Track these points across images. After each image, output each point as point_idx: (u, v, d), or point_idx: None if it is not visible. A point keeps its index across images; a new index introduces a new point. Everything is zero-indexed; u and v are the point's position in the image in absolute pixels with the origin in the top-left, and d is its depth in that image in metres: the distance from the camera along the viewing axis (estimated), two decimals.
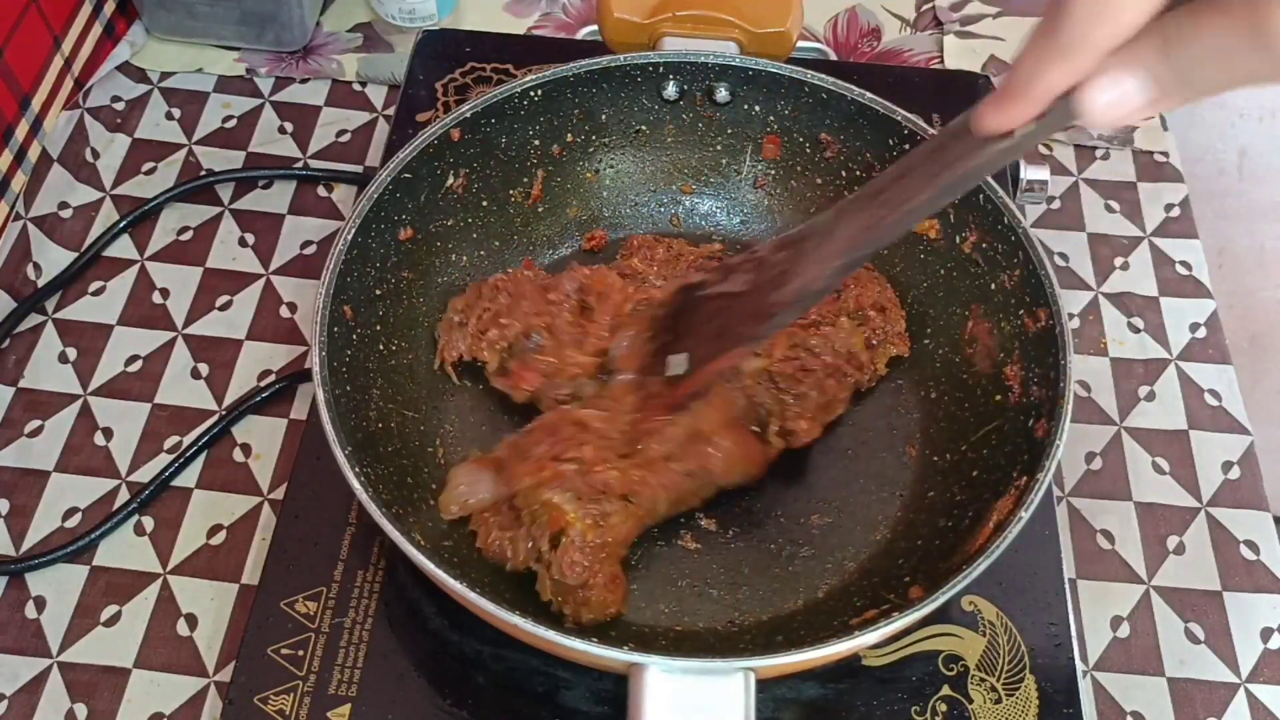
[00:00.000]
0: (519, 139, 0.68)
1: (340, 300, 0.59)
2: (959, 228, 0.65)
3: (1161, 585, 0.65)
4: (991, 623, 0.59)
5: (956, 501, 0.60)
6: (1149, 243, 0.79)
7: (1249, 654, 0.63)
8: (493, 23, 0.89)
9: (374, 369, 0.61)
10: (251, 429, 0.69)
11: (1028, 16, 0.91)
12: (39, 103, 0.80)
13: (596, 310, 0.64)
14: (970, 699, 0.57)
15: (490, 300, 0.65)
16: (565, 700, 0.56)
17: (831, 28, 0.91)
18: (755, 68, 0.68)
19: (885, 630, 0.49)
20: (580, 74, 0.68)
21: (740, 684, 0.47)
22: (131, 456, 0.68)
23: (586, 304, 0.65)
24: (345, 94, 0.85)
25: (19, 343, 0.72)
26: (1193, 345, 0.74)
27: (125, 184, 0.80)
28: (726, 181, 0.73)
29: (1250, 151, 1.09)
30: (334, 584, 0.59)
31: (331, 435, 0.53)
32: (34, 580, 0.63)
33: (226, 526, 0.65)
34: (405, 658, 0.57)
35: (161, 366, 0.71)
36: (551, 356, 0.63)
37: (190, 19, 0.84)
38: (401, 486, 0.59)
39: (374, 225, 0.62)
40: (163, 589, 0.63)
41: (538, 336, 0.64)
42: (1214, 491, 0.69)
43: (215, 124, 0.83)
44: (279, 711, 0.55)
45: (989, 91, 0.80)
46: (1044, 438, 0.55)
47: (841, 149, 0.69)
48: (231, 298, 0.74)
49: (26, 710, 0.59)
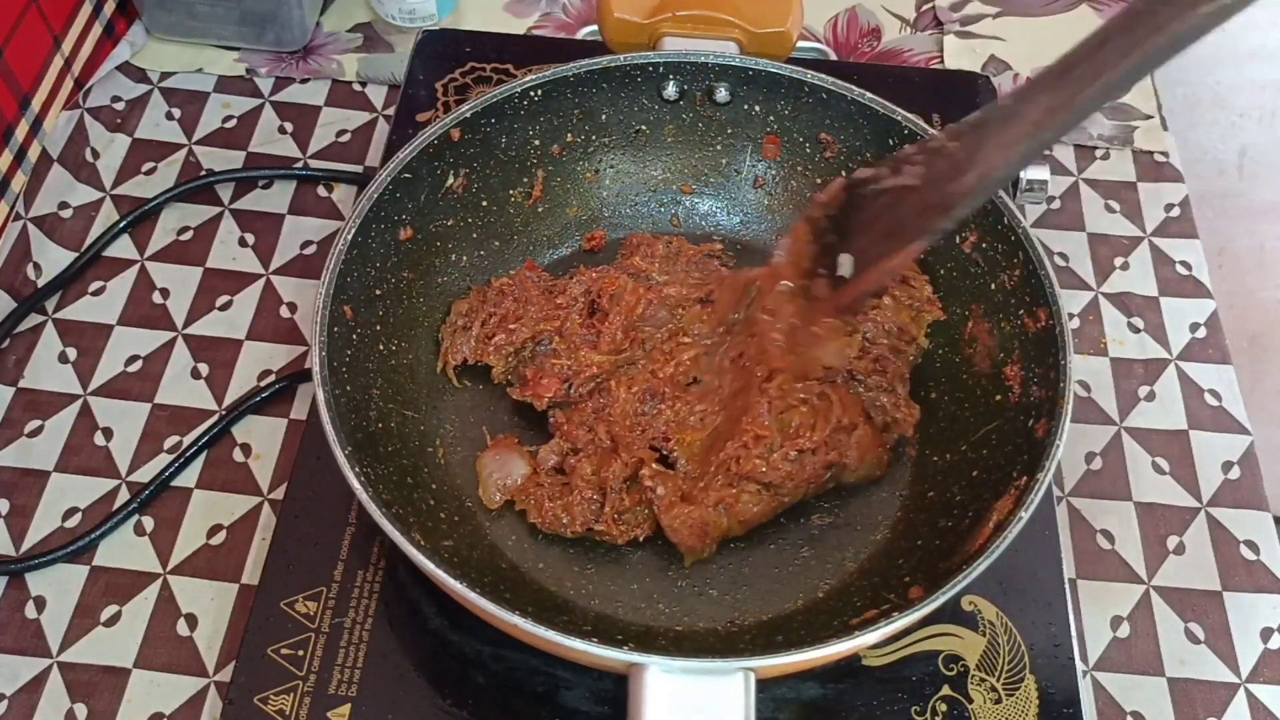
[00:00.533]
0: (519, 139, 0.68)
1: (340, 300, 0.59)
2: (959, 228, 0.65)
3: (1161, 585, 0.65)
4: (991, 623, 0.59)
5: (956, 501, 0.60)
6: (1149, 243, 0.79)
7: (1249, 654, 0.63)
8: (493, 23, 0.89)
9: (374, 369, 0.61)
10: (251, 429, 0.69)
11: (1028, 16, 0.91)
12: (39, 103, 0.80)
13: (610, 312, 0.64)
14: (970, 699, 0.57)
15: (495, 304, 0.65)
16: (565, 700, 0.56)
17: (831, 28, 0.91)
18: (755, 68, 0.68)
19: (885, 630, 0.49)
20: (580, 74, 0.68)
21: (740, 684, 0.47)
22: (131, 456, 0.67)
23: (597, 305, 0.65)
24: (345, 94, 0.85)
25: (19, 343, 0.72)
26: (1193, 345, 0.74)
27: (125, 184, 0.80)
28: (726, 181, 0.73)
29: (1250, 151, 1.08)
30: (334, 584, 0.59)
31: (331, 435, 0.53)
32: (34, 580, 0.63)
33: (226, 526, 0.65)
34: (405, 658, 0.57)
35: (161, 366, 0.71)
36: (566, 359, 0.63)
37: (190, 19, 0.84)
38: (401, 486, 0.59)
39: (374, 225, 0.62)
40: (163, 589, 0.63)
41: (547, 342, 0.64)
42: (1214, 491, 0.69)
43: (215, 124, 0.83)
44: (279, 711, 0.55)
45: (989, 91, 0.80)
46: (1044, 438, 0.55)
47: (841, 149, 0.69)
48: (231, 298, 0.74)
49: (26, 710, 0.59)
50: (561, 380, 0.63)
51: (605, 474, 0.60)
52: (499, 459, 0.62)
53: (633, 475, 0.60)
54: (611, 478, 0.59)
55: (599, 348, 0.63)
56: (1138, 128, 0.84)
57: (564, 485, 0.60)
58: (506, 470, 0.61)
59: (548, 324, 0.64)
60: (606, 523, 0.59)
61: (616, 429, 0.61)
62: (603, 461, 0.60)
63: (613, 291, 0.65)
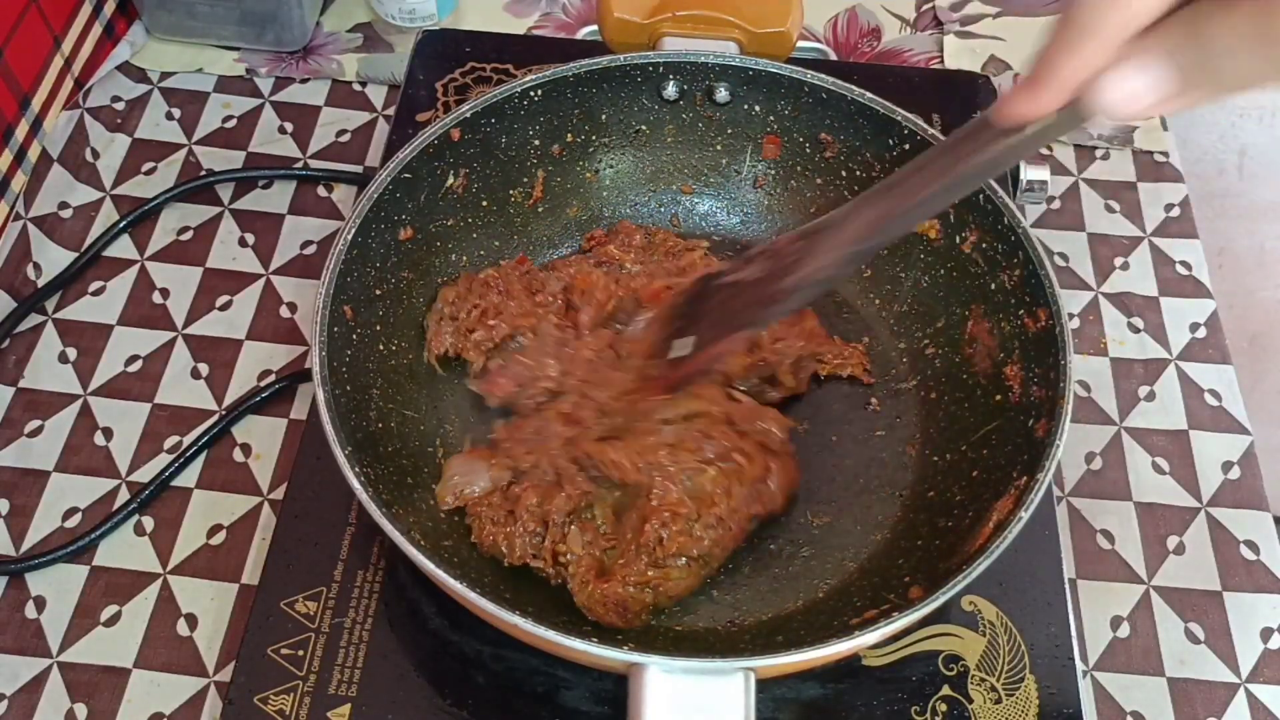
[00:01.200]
0: (519, 139, 0.68)
1: (340, 300, 0.59)
2: (959, 228, 0.65)
3: (1161, 585, 0.65)
4: (991, 623, 0.59)
5: (956, 501, 0.60)
6: (1149, 243, 0.79)
7: (1249, 654, 0.63)
8: (493, 23, 0.89)
9: (374, 369, 0.61)
10: (251, 429, 0.69)
11: (1028, 16, 0.91)
12: (39, 103, 0.80)
13: (581, 309, 0.65)
14: (970, 699, 0.57)
15: (480, 296, 0.65)
16: (565, 700, 0.56)
17: (831, 28, 0.91)
18: (755, 68, 0.68)
19: (885, 630, 0.49)
20: (580, 74, 0.68)
21: (740, 684, 0.47)
22: (131, 456, 0.68)
23: (571, 303, 0.65)
24: (345, 94, 0.85)
25: (19, 343, 0.72)
26: (1193, 345, 0.74)
27: (125, 184, 0.80)
28: (726, 181, 0.73)
29: (1250, 151, 1.09)
30: (334, 584, 0.59)
31: (331, 435, 0.53)
32: (34, 580, 0.63)
33: (226, 526, 0.65)
34: (405, 658, 0.57)
35: (161, 366, 0.71)
36: (531, 360, 0.63)
37: (190, 19, 0.84)
38: (401, 486, 0.59)
39: (374, 225, 0.62)
40: (163, 589, 0.63)
41: (521, 339, 0.64)
42: (1214, 491, 0.69)
43: (215, 124, 0.83)
44: (279, 711, 0.55)
45: (989, 91, 0.80)
46: (1044, 438, 0.55)
47: (841, 149, 0.69)
48: (231, 298, 0.74)
49: (26, 710, 0.59)
50: (516, 383, 0.63)
51: (549, 506, 0.58)
52: (467, 465, 0.61)
53: (575, 510, 0.58)
54: (555, 510, 0.58)
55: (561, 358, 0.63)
56: (1138, 128, 0.84)
57: (509, 513, 0.59)
58: (469, 479, 0.60)
59: (525, 320, 0.64)
60: (545, 558, 0.58)
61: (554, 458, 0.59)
62: (547, 494, 0.59)
63: (583, 289, 0.65)
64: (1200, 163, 1.09)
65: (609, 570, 0.57)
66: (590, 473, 0.59)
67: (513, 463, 0.60)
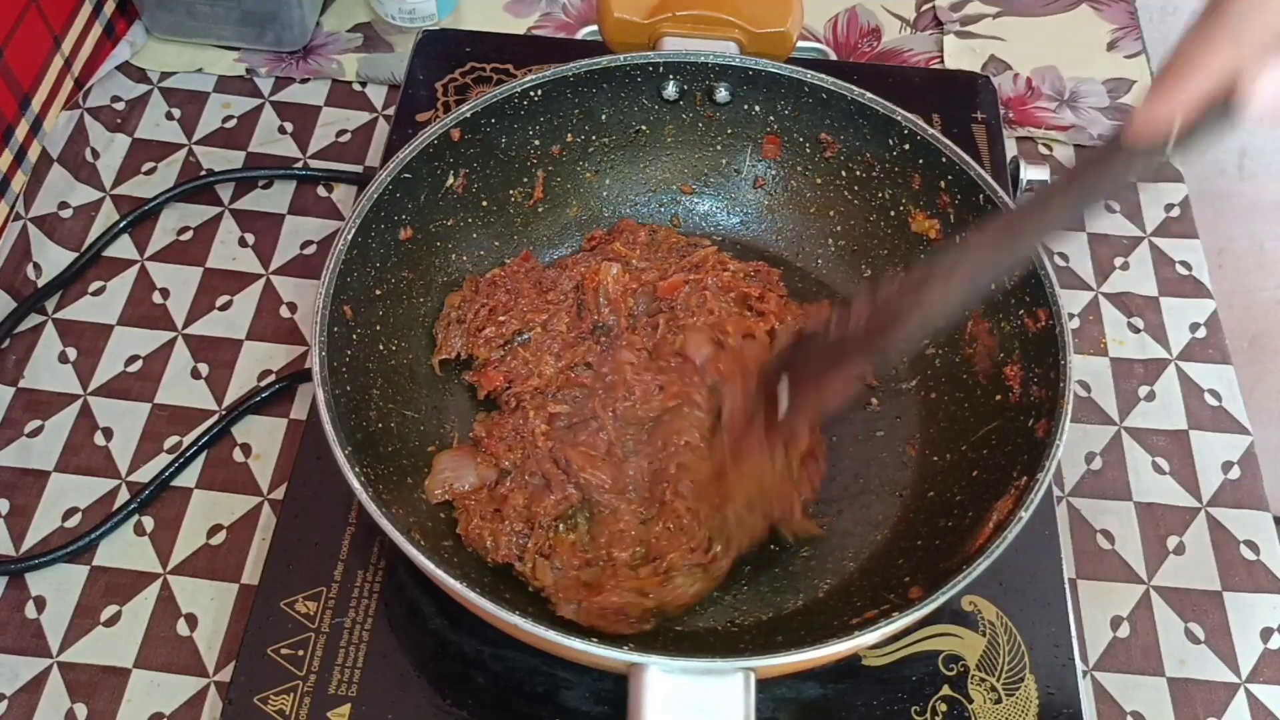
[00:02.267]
0: (519, 139, 0.68)
1: (340, 300, 0.59)
2: (959, 227, 0.65)
3: (1161, 585, 0.65)
4: (991, 623, 0.59)
5: (956, 501, 0.60)
6: (1149, 243, 0.79)
7: (1249, 654, 0.63)
8: (493, 23, 0.89)
9: (374, 369, 0.61)
10: (251, 429, 0.69)
11: (1028, 16, 0.91)
12: (39, 103, 0.80)
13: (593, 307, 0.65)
14: (970, 699, 0.57)
15: (488, 296, 0.65)
16: (565, 700, 0.56)
17: (831, 28, 0.91)
18: (755, 68, 0.68)
19: (885, 630, 0.49)
20: (580, 74, 0.68)
21: (740, 684, 0.47)
22: (131, 456, 0.68)
23: (584, 302, 0.65)
24: (345, 94, 0.85)
25: (19, 343, 0.72)
26: (1193, 345, 0.74)
27: (125, 184, 0.80)
28: (726, 181, 0.73)
29: (1250, 151, 1.09)
30: (334, 584, 0.59)
31: (331, 435, 0.53)
32: (34, 580, 0.63)
33: (226, 526, 0.65)
34: (405, 658, 0.57)
35: (161, 366, 0.71)
36: (530, 357, 0.63)
37: (190, 19, 0.84)
38: (401, 486, 0.59)
39: (374, 225, 0.62)
40: (163, 589, 0.63)
41: (527, 334, 0.64)
42: (1214, 491, 0.69)
43: (215, 124, 0.83)
44: (279, 711, 0.55)
45: (989, 91, 0.80)
46: (1044, 438, 0.55)
47: (841, 149, 0.69)
48: (231, 298, 0.74)
49: (26, 710, 0.59)
50: (507, 379, 0.63)
51: (536, 509, 0.58)
52: (455, 460, 0.61)
53: (562, 515, 0.58)
54: (542, 513, 0.58)
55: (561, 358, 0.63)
56: None
57: (496, 511, 0.59)
58: (458, 474, 0.60)
59: (535, 314, 0.64)
60: (529, 560, 0.58)
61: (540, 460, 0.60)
62: (535, 496, 0.59)
63: (595, 285, 0.65)
64: (1200, 163, 1.09)
65: (597, 584, 0.57)
66: (577, 479, 0.59)
67: (495, 460, 0.60)
